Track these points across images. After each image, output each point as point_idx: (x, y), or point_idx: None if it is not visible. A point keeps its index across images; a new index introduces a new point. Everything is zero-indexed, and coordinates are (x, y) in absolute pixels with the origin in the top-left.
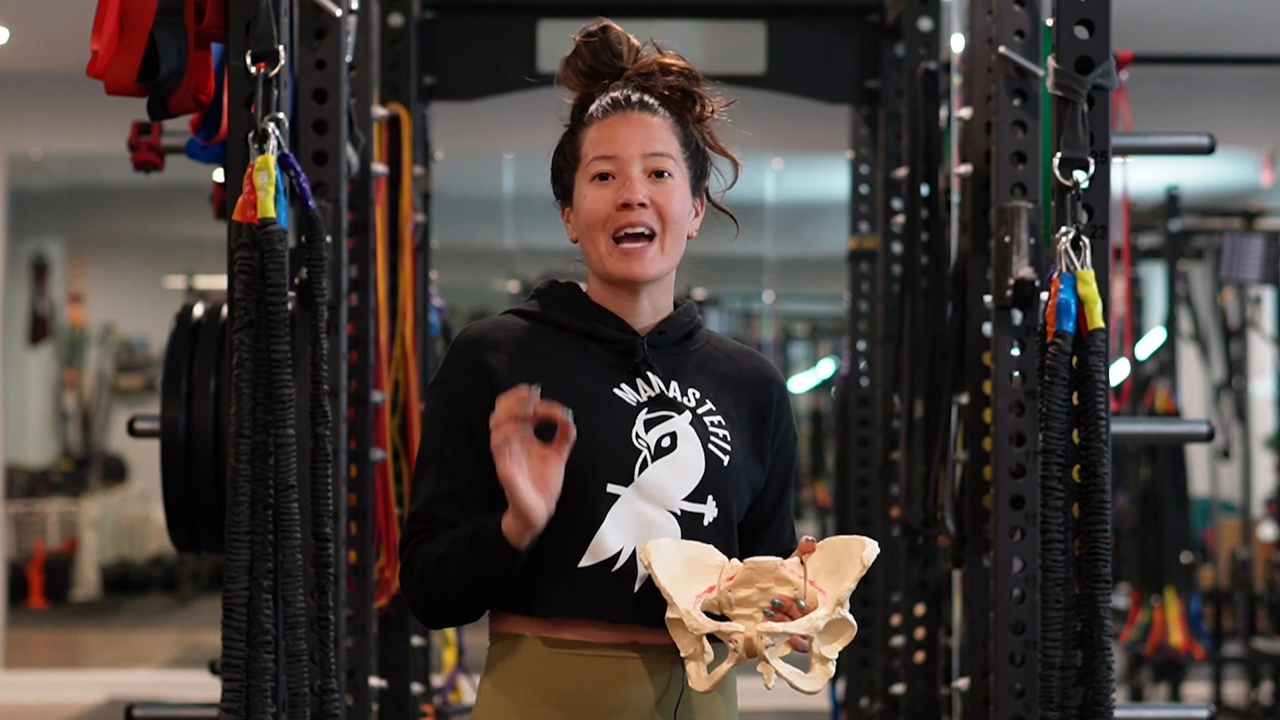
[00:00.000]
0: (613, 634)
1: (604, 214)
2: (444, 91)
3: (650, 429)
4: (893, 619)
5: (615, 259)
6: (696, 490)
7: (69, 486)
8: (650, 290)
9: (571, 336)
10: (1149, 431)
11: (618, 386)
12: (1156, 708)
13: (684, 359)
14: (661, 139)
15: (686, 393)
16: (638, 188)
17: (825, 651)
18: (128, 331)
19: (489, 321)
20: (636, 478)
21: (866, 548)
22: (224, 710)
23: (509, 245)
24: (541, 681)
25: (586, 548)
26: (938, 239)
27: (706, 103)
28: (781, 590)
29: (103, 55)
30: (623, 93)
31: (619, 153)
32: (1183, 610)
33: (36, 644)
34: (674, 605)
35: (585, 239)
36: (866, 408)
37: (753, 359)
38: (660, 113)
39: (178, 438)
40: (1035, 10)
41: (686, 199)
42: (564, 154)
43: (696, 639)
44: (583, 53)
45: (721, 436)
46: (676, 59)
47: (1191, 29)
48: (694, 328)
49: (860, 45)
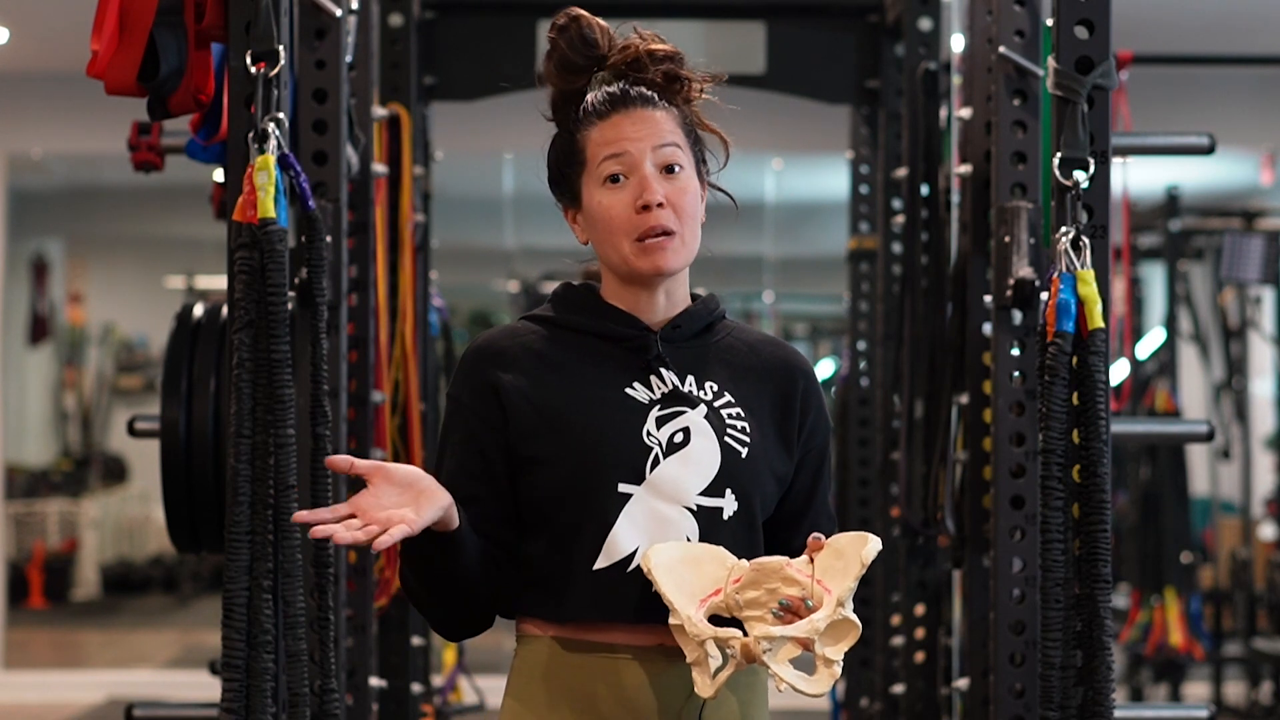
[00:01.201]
0: (635, 635)
1: (622, 218)
2: (444, 91)
3: (662, 426)
4: (893, 619)
5: (640, 256)
6: (713, 484)
7: (69, 486)
8: (666, 285)
9: (584, 339)
10: (1149, 431)
11: (630, 386)
12: (1156, 708)
13: (702, 352)
14: (667, 131)
15: (703, 386)
16: (654, 188)
17: (829, 654)
18: (128, 331)
19: (502, 330)
20: (648, 475)
21: (868, 544)
22: (224, 710)
23: (509, 245)
24: (564, 684)
25: (601, 549)
26: (938, 239)
27: (695, 84)
28: (789, 590)
29: (103, 55)
30: (618, 87)
31: (628, 150)
32: (1183, 610)
33: (36, 644)
34: (675, 612)
35: (604, 243)
36: (866, 408)
37: (776, 348)
38: (659, 104)
39: (178, 438)
40: (1035, 10)
41: (697, 188)
42: (564, 156)
43: (699, 645)
44: (559, 47)
45: (739, 429)
46: (660, 43)
47: (1191, 29)
48: (714, 319)
49: (860, 45)
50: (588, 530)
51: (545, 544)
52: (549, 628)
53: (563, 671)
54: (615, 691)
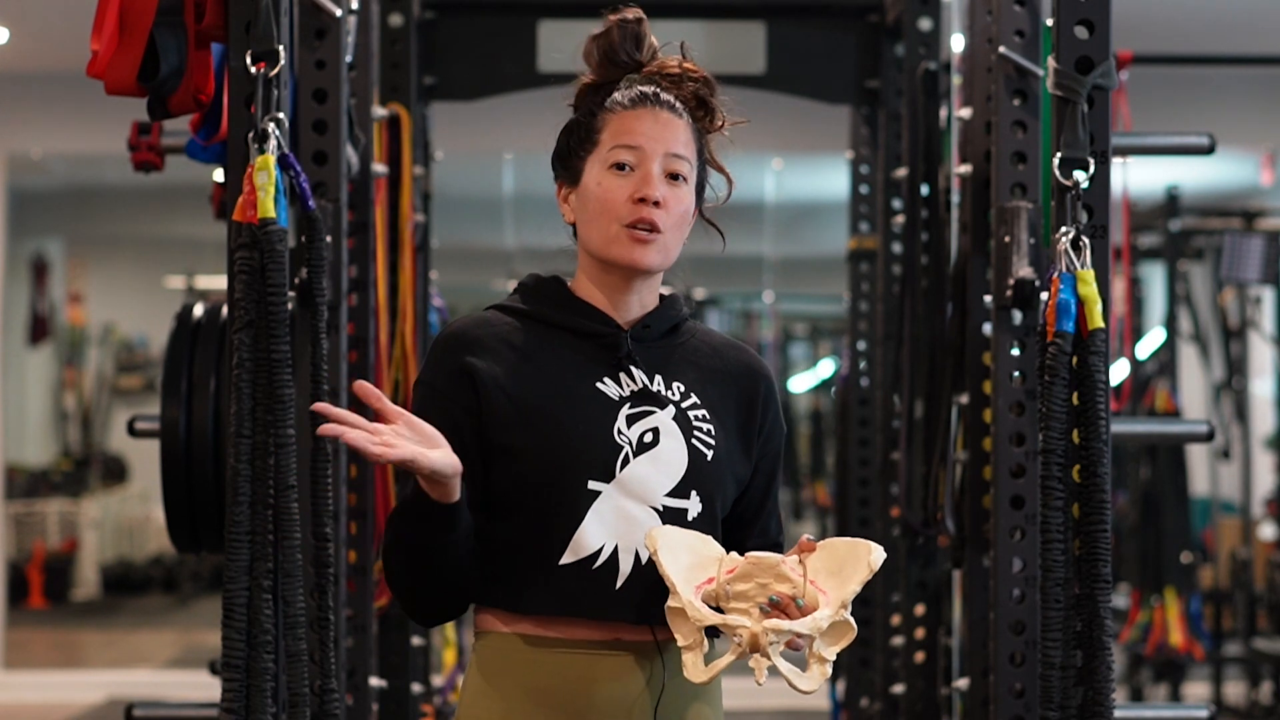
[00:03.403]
0: (595, 631)
1: (618, 203)
2: (444, 91)
3: (632, 424)
4: (893, 619)
5: (622, 243)
6: (679, 486)
7: (69, 486)
8: (639, 285)
9: (554, 331)
10: (1149, 431)
11: (600, 381)
12: (1156, 708)
13: (669, 352)
14: (683, 141)
15: (671, 386)
16: (656, 184)
17: (825, 652)
18: (128, 331)
19: (471, 318)
20: (618, 474)
21: (874, 552)
22: (224, 710)
23: (509, 245)
24: (523, 679)
25: (568, 545)
26: (938, 239)
27: (720, 116)
28: (780, 587)
29: (103, 55)
30: (651, 88)
31: (643, 145)
32: (1183, 610)
33: (36, 644)
34: (676, 594)
35: (590, 223)
36: (866, 408)
37: (740, 352)
38: (684, 116)
39: (178, 438)
40: (1035, 10)
41: (691, 205)
42: (577, 135)
43: (697, 630)
44: (613, 34)
45: (705, 431)
46: (697, 68)
47: (1191, 29)
48: (680, 320)
49: (860, 45)
50: (555, 525)
51: (510, 534)
52: (509, 620)
53: (524, 665)
54: (572, 685)
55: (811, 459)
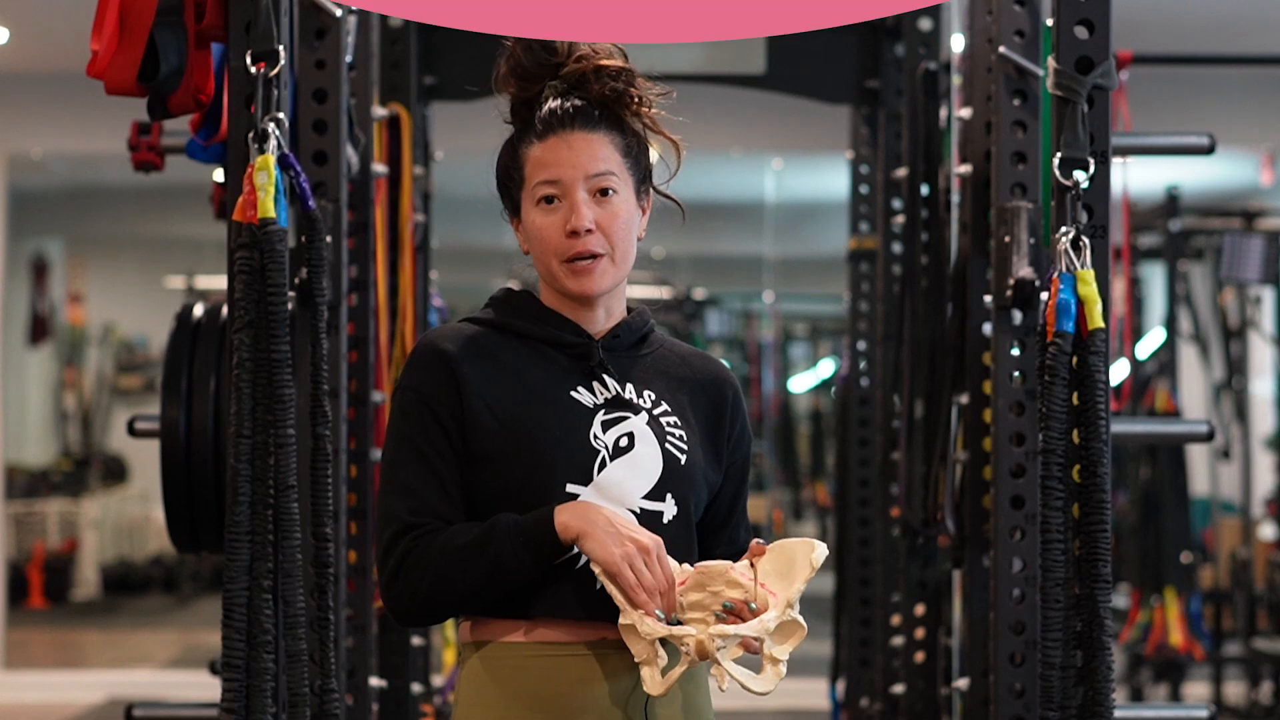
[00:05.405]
0: (578, 632)
1: (554, 240)
2: (444, 91)
3: (608, 429)
4: (893, 619)
5: (568, 278)
6: (655, 489)
7: (69, 486)
8: (604, 298)
9: (527, 342)
10: (1149, 431)
11: (575, 389)
12: (1156, 708)
13: (639, 362)
14: (602, 156)
15: (642, 394)
16: (584, 213)
17: (776, 653)
18: (128, 331)
19: (448, 328)
20: (595, 477)
21: (815, 550)
22: (224, 710)
23: (509, 245)
24: (511, 683)
25: None
26: (938, 239)
27: (645, 99)
28: (732, 593)
29: (103, 55)
30: (561, 107)
31: (562, 177)
32: (1183, 610)
33: (36, 644)
34: (626, 611)
35: (537, 259)
36: (866, 408)
37: (707, 361)
38: (600, 126)
39: (178, 438)
40: (1035, 10)
41: (632, 210)
42: (507, 170)
43: (649, 644)
44: (515, 53)
45: (678, 436)
46: (610, 58)
47: (1191, 29)
48: (647, 331)
49: (860, 45)
50: None
51: None
52: (496, 625)
53: (511, 670)
54: (563, 686)
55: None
